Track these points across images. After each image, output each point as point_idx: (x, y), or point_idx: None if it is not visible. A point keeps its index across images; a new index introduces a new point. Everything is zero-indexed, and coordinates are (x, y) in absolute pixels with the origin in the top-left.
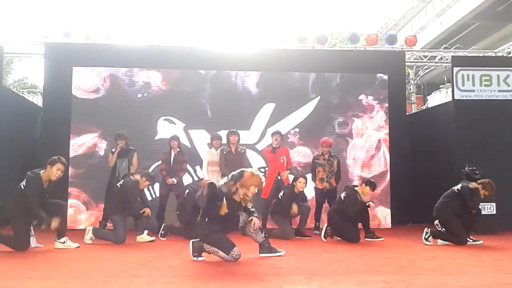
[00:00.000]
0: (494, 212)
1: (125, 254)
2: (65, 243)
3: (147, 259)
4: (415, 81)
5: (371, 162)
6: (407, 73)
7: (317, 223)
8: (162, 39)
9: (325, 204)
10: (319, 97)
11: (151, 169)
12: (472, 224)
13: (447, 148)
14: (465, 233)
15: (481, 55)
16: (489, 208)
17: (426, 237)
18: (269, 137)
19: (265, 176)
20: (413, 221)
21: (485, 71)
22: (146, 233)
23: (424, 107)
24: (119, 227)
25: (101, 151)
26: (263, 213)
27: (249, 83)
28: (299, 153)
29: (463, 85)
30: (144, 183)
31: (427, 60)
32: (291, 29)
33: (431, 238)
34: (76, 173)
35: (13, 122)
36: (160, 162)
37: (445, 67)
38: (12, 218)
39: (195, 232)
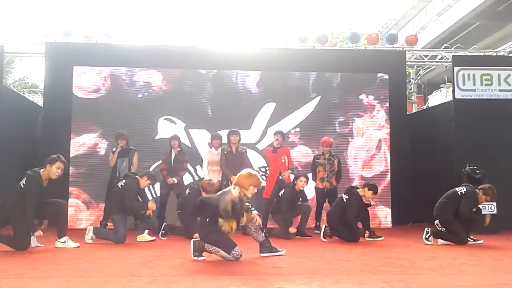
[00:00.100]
0: (494, 211)
1: (126, 253)
2: (65, 242)
3: (147, 258)
4: (416, 81)
5: (372, 161)
6: (407, 73)
7: (318, 223)
8: (162, 38)
9: (325, 203)
10: (320, 97)
11: (151, 169)
12: (472, 224)
13: (448, 147)
14: (465, 233)
15: (482, 54)
16: (490, 207)
17: (426, 236)
18: (269, 136)
19: (266, 176)
20: (413, 221)
21: (486, 71)
22: (146, 233)
23: (424, 107)
24: (120, 226)
25: (102, 150)
26: (264, 213)
27: (250, 83)
28: (299, 153)
29: (464, 84)
30: (145, 182)
31: (428, 59)
32: (291, 29)
33: (431, 237)
34: (76, 173)
35: (13, 121)
36: (160, 161)
37: (446, 67)
38: (12, 217)
39: (195, 229)
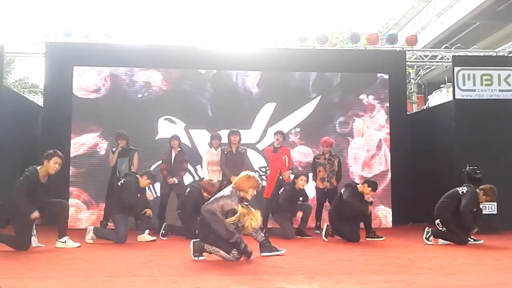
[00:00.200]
0: (495, 211)
1: (126, 253)
2: (66, 242)
3: (148, 258)
4: (416, 81)
5: (372, 161)
6: (407, 73)
7: (318, 223)
8: (162, 38)
9: (326, 203)
10: (320, 97)
11: (151, 169)
12: (469, 226)
13: (448, 147)
14: (466, 233)
15: (482, 54)
16: (490, 207)
17: (427, 236)
18: (270, 136)
19: (266, 176)
20: (414, 221)
21: (486, 71)
22: (147, 233)
23: (424, 107)
24: (120, 226)
25: (102, 150)
26: (265, 213)
27: (250, 83)
28: (299, 153)
29: (464, 84)
30: (145, 181)
31: (428, 59)
32: (291, 29)
33: (432, 237)
34: (77, 173)
35: (14, 121)
36: (160, 161)
37: (446, 67)
38: (12, 217)
39: (196, 231)
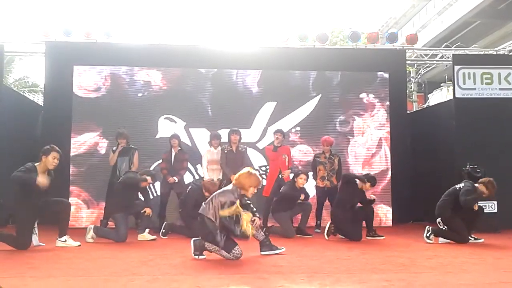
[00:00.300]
0: (495, 210)
1: (126, 252)
2: (66, 241)
3: (148, 257)
4: (416, 80)
5: (372, 160)
6: (408, 72)
7: (318, 222)
8: (162, 37)
9: (326, 202)
10: (320, 96)
11: (152, 168)
12: (474, 222)
13: (448, 146)
14: (466, 232)
15: (482, 53)
16: (491, 206)
17: (427, 235)
18: (270, 135)
19: (266, 174)
20: (414, 220)
21: (486, 69)
22: (147, 232)
23: (425, 106)
24: (121, 225)
25: (102, 149)
26: (265, 211)
27: (250, 82)
28: (300, 152)
29: (464, 83)
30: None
31: (428, 58)
32: (292, 28)
33: (432, 236)
34: (77, 172)
35: (14, 121)
36: (160, 161)
37: (446, 66)
38: (14, 216)
39: (196, 230)
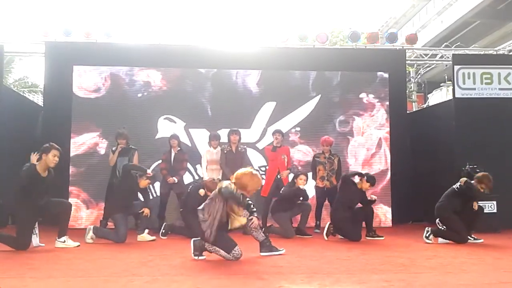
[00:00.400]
0: (495, 210)
1: (126, 253)
2: (65, 242)
3: (148, 258)
4: (416, 79)
5: (372, 160)
6: (407, 71)
7: (318, 222)
8: (162, 38)
9: (325, 202)
10: (320, 96)
11: (151, 168)
12: (474, 223)
13: (448, 146)
14: (466, 231)
15: (482, 53)
16: (490, 206)
17: (427, 235)
18: (269, 136)
19: (265, 174)
20: (413, 220)
21: (486, 69)
22: (146, 232)
23: (425, 106)
24: (121, 226)
25: (102, 150)
26: (263, 211)
27: (250, 82)
28: (299, 152)
29: (464, 83)
30: (144, 181)
31: (428, 58)
32: (291, 28)
33: (431, 236)
34: (76, 172)
35: (13, 121)
36: (160, 161)
37: (446, 65)
38: (15, 216)
39: (196, 231)
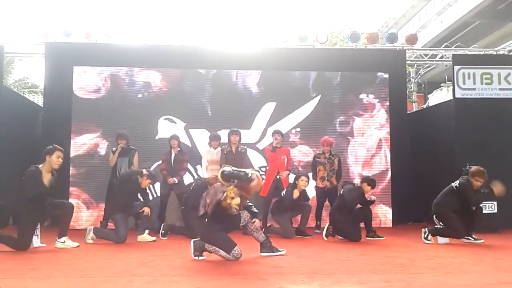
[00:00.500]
0: (495, 211)
1: (126, 253)
2: (65, 242)
3: (148, 258)
4: (416, 80)
5: (372, 160)
6: (408, 72)
7: (318, 222)
8: (162, 38)
9: (326, 202)
10: (320, 96)
11: (151, 169)
12: (473, 222)
13: (448, 146)
14: (463, 227)
15: (482, 53)
16: (490, 207)
17: (425, 236)
18: (269, 136)
19: (264, 174)
20: (414, 220)
21: (486, 70)
22: (147, 233)
23: (425, 106)
24: (121, 226)
25: (102, 150)
26: (263, 212)
27: (250, 82)
28: (300, 152)
29: (464, 83)
30: (145, 181)
31: (428, 58)
32: (291, 28)
33: (430, 236)
34: (77, 173)
35: (13, 121)
36: (160, 161)
37: (446, 66)
38: (16, 216)
39: (196, 231)
